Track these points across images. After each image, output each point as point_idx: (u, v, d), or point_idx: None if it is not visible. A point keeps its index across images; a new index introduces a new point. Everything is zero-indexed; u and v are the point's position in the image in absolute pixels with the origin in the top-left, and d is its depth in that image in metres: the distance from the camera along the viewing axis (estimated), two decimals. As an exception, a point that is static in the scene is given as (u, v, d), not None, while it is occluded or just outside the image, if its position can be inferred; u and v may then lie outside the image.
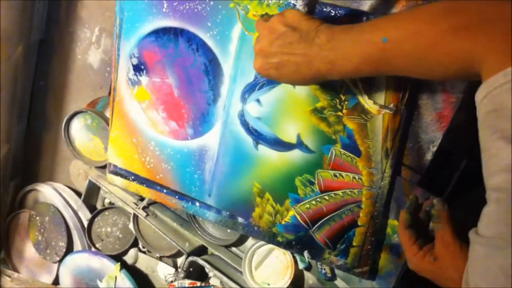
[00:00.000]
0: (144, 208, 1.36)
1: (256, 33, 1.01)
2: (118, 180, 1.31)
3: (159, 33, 1.13)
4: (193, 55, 1.11)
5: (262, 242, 1.23)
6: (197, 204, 1.23)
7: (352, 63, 0.74)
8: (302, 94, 1.02)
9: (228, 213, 1.20)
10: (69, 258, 1.50)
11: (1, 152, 1.41)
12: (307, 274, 1.24)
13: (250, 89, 1.07)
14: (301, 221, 1.12)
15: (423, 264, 0.87)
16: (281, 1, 0.99)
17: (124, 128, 1.24)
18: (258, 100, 1.07)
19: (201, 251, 1.35)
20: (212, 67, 1.10)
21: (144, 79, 1.18)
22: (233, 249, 1.33)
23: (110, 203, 1.48)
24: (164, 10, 1.10)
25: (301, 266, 1.21)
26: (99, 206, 1.53)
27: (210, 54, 1.09)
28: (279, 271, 1.23)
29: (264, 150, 1.10)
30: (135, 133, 1.23)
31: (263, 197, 1.14)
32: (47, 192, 1.52)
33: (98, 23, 1.31)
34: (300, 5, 0.88)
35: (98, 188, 1.48)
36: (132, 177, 1.29)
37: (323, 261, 1.14)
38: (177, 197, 1.25)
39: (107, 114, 1.35)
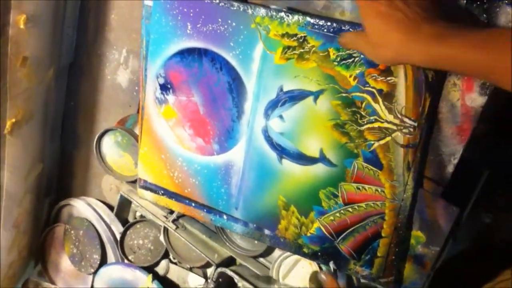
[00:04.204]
0: (173, 221, 1.40)
1: (278, 51, 1.04)
2: (149, 194, 1.36)
3: (184, 54, 1.16)
4: (217, 74, 1.14)
5: (289, 253, 1.26)
6: (225, 217, 1.26)
7: None
8: (324, 109, 1.05)
9: (255, 225, 1.23)
10: (103, 270, 1.55)
11: (35, 171, 1.46)
12: (334, 284, 1.26)
13: (273, 105, 1.10)
14: (326, 233, 1.15)
15: None
16: (301, 21, 1.01)
17: (152, 145, 1.29)
18: (281, 116, 1.10)
19: (229, 262, 1.39)
20: (236, 85, 1.13)
21: (170, 98, 1.22)
22: (261, 259, 1.37)
23: (141, 216, 1.53)
24: (188, 31, 1.13)
25: (327, 276, 1.23)
26: (130, 219, 1.57)
27: (233, 73, 1.12)
28: (306, 281, 1.26)
29: (288, 165, 1.13)
30: (163, 149, 1.28)
31: (288, 210, 1.17)
32: (81, 207, 1.57)
33: (125, 45, 1.36)
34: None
35: (130, 202, 1.52)
36: (162, 192, 1.33)
37: (349, 272, 1.17)
38: (205, 210, 1.29)
39: (137, 131, 1.39)
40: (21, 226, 1.51)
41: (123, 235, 1.52)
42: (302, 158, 1.11)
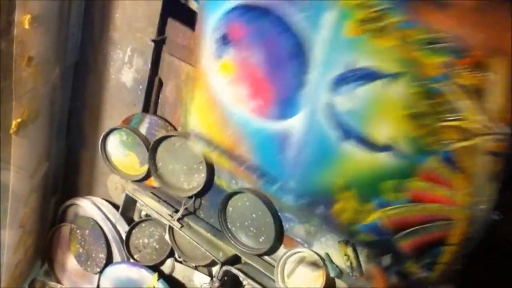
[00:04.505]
0: (179, 220, 1.40)
1: (353, 20, 0.94)
2: (200, 146, 1.28)
3: (247, 9, 1.08)
4: (282, 36, 1.06)
5: (294, 251, 1.26)
6: (276, 185, 1.20)
7: None
8: (400, 95, 0.95)
9: (307, 200, 1.16)
10: (109, 269, 1.56)
11: (41, 170, 1.47)
12: (338, 282, 1.26)
13: (341, 80, 1.01)
14: (385, 226, 1.08)
15: None
16: None
17: (207, 99, 1.22)
18: (349, 94, 1.01)
19: (235, 260, 1.38)
20: (300, 52, 1.05)
21: (230, 53, 1.14)
22: (266, 257, 1.36)
23: (146, 215, 1.53)
24: None
25: (332, 274, 1.23)
26: (136, 218, 1.58)
27: (298, 38, 1.04)
28: (311, 279, 1.26)
29: (351, 147, 1.05)
30: (218, 105, 1.21)
31: (347, 193, 1.09)
32: (87, 206, 1.58)
33: (130, 44, 1.36)
34: None
35: (135, 201, 1.53)
36: (213, 147, 1.26)
37: (404, 269, 1.10)
38: (256, 174, 1.22)
39: (142, 130, 1.40)
40: (27, 225, 1.52)
41: (129, 234, 1.52)
42: (368, 143, 1.03)
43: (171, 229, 1.44)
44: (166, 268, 1.52)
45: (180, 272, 1.51)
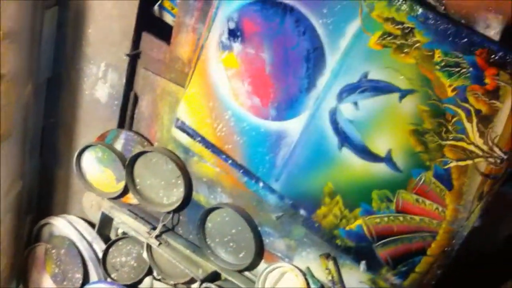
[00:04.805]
0: (156, 237, 1.38)
1: (376, 34, 0.96)
2: (184, 137, 1.27)
3: (266, 4, 1.07)
4: (297, 38, 1.06)
5: (275, 266, 1.25)
6: (261, 184, 1.19)
7: None
8: (407, 111, 0.99)
9: (291, 202, 1.17)
10: (86, 289, 1.53)
11: (15, 189, 1.43)
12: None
13: (351, 89, 1.03)
14: (366, 233, 1.10)
15: None
16: (414, 10, 0.94)
17: (202, 89, 1.20)
18: (355, 103, 1.03)
19: (214, 277, 1.37)
20: (315, 56, 1.05)
21: (237, 46, 1.13)
22: (246, 273, 1.34)
23: (124, 233, 1.50)
24: None
25: (313, 288, 1.22)
26: (113, 236, 1.55)
27: (316, 42, 1.04)
28: (293, 293, 1.25)
29: (347, 154, 1.07)
30: (213, 97, 1.19)
31: (333, 198, 1.11)
32: (62, 225, 1.55)
33: (104, 59, 1.34)
34: None
35: (111, 219, 1.50)
36: (199, 139, 1.25)
37: (378, 276, 1.13)
38: (241, 171, 1.21)
39: (117, 146, 1.38)
40: (2, 246, 1.48)
41: (105, 252, 1.49)
42: (365, 153, 1.05)
43: (149, 246, 1.42)
44: (144, 286, 1.49)
45: (159, 290, 1.49)
